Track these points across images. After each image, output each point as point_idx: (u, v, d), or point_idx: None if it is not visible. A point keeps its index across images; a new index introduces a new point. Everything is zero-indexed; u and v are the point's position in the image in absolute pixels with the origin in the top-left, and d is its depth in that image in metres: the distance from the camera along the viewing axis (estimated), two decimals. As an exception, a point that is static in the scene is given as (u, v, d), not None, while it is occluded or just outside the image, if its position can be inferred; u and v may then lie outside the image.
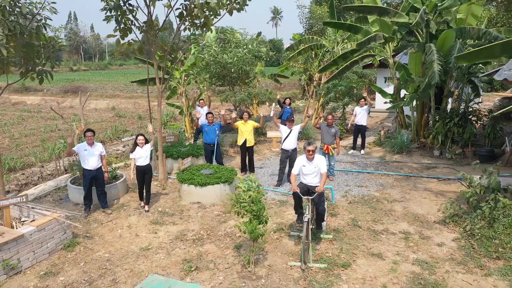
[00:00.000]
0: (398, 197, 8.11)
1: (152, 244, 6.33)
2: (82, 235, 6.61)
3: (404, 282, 5.15)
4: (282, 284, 5.15)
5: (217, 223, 7.02)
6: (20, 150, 14.80)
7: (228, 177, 7.90)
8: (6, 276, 5.38)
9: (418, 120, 11.91)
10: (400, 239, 6.33)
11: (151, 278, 5.39)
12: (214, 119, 9.74)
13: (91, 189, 7.33)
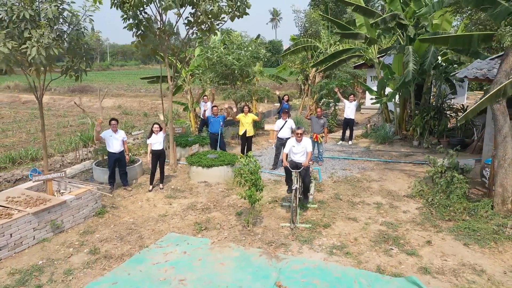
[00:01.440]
0: (376, 177, 9.44)
1: (168, 212, 7.65)
2: (109, 205, 7.93)
3: (372, 236, 6.48)
4: (275, 238, 6.47)
5: (221, 197, 8.35)
6: (38, 143, 16.08)
7: (231, 160, 9.24)
8: (53, 233, 6.69)
9: (400, 115, 13.26)
10: (373, 208, 7.66)
11: (169, 235, 6.72)
12: (219, 112, 11.07)
13: (114, 170, 8.66)
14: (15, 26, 6.72)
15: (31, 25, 6.72)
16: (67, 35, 7.31)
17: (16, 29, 6.75)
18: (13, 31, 6.76)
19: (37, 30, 6.62)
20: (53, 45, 6.71)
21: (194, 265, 5.73)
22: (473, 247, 6.09)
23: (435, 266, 5.58)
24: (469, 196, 7.72)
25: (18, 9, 6.51)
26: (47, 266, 5.71)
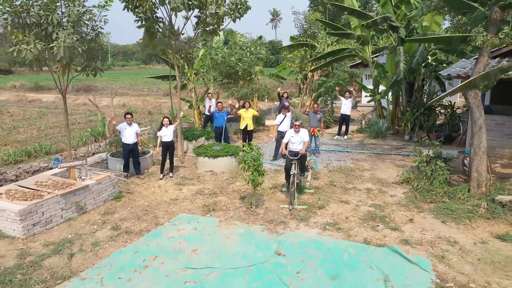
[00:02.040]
0: (368, 167, 10.27)
1: (179, 196, 8.48)
2: (125, 191, 8.76)
3: (361, 216, 7.30)
4: (275, 217, 7.30)
5: (226, 184, 9.17)
6: (49, 139, 16.90)
7: (234, 151, 10.07)
8: (77, 214, 7.52)
9: (393, 111, 14.08)
10: (364, 192, 8.49)
11: (181, 215, 7.55)
12: (223, 108, 11.91)
13: (129, 159, 9.49)
14: (43, 29, 7.53)
15: (57, 28, 7.54)
16: (85, 35, 8.11)
17: (43, 32, 7.56)
18: (40, 33, 7.58)
19: (63, 32, 7.44)
20: (76, 44, 7.53)
21: (204, 239, 6.55)
22: (449, 224, 6.91)
23: (415, 239, 6.41)
24: (450, 182, 8.54)
25: (46, 14, 7.32)
26: (76, 239, 6.54)
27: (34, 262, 5.81)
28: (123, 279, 5.38)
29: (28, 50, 7.07)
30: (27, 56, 7.08)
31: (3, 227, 6.73)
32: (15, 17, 7.29)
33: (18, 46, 7.11)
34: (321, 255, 5.96)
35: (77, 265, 5.76)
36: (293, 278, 5.35)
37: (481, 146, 7.60)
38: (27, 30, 7.37)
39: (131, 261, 5.85)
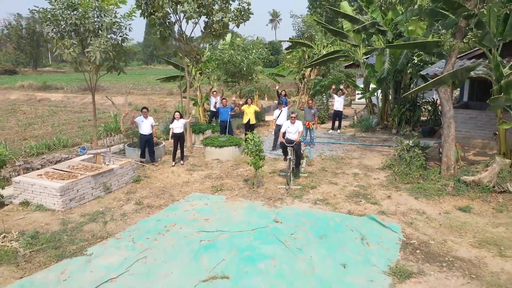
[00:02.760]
0: (356, 156, 11.55)
1: (190, 179, 9.75)
2: (143, 176, 10.02)
3: (347, 194, 8.57)
4: (274, 195, 8.56)
5: (231, 170, 10.44)
6: (64, 134, 18.16)
7: (238, 142, 11.35)
8: (104, 193, 8.78)
9: (382, 108, 15.36)
10: (351, 176, 9.76)
11: (193, 194, 8.81)
12: (227, 103, 13.18)
13: (145, 148, 10.75)
14: (80, 36, 8.81)
15: (92, 34, 8.82)
16: (114, 41, 9.40)
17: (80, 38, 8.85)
18: (77, 39, 8.86)
19: (97, 39, 8.72)
20: (108, 49, 8.81)
21: (214, 211, 7.82)
22: (421, 199, 8.18)
23: (390, 211, 7.68)
24: (426, 167, 9.79)
25: (82, 23, 8.60)
26: (106, 212, 7.81)
27: (75, 227, 7.08)
28: (150, 239, 6.65)
29: (68, 53, 8.35)
30: (67, 58, 8.36)
31: (44, 202, 8.00)
32: (55, 26, 8.58)
33: (60, 50, 8.39)
34: (311, 222, 7.23)
35: (111, 229, 7.03)
36: (288, 238, 6.62)
37: (450, 135, 8.87)
38: (67, 36, 8.65)
39: (155, 227, 7.13)
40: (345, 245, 6.36)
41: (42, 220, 7.39)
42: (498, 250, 6.07)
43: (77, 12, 8.74)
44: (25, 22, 77.64)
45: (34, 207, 7.95)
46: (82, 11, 8.74)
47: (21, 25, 76.89)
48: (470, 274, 5.43)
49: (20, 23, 76.90)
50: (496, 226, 6.91)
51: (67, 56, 8.45)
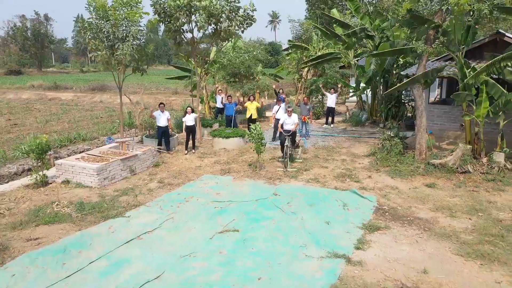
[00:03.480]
0: (346, 146, 13.20)
1: (201, 164, 11.39)
2: (161, 161, 11.65)
3: (335, 174, 10.20)
4: (273, 176, 10.20)
5: (236, 157, 12.08)
6: (81, 130, 19.79)
7: (242, 133, 12.99)
8: (130, 174, 10.41)
9: (372, 104, 17.00)
10: (340, 161, 11.40)
11: (205, 175, 10.45)
12: (232, 100, 14.86)
13: (161, 139, 12.39)
14: (110, 42, 10.46)
15: (120, 40, 10.47)
16: (138, 46, 11.05)
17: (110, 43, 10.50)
18: (108, 44, 10.51)
19: (125, 44, 10.36)
20: (134, 53, 10.46)
21: (224, 188, 9.45)
22: (396, 178, 9.82)
23: (369, 186, 9.31)
24: (404, 153, 11.43)
25: (113, 31, 10.25)
26: (135, 188, 9.44)
27: (112, 199, 8.72)
28: (174, 206, 8.28)
29: (101, 55, 10.00)
30: (100, 59, 10.01)
31: (82, 180, 9.63)
32: (92, 33, 10.23)
33: (94, 53, 10.05)
34: (304, 195, 8.87)
35: (141, 200, 8.67)
36: (284, 205, 8.26)
37: (422, 125, 10.52)
38: (99, 42, 10.31)
39: (177, 198, 8.77)
40: (330, 210, 8.01)
41: (83, 194, 9.03)
42: (450, 213, 7.71)
43: (109, 22, 10.38)
44: (30, 24, 79.43)
45: (74, 185, 9.59)
46: (113, 20, 10.37)
47: (26, 27, 78.61)
48: (424, 228, 7.07)
49: (25, 25, 78.62)
50: (453, 197, 8.56)
51: (101, 58, 10.08)
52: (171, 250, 6.40)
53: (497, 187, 9.01)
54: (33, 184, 9.53)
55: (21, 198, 8.82)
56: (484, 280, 5.40)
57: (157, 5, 12.33)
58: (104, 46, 10.23)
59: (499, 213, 7.65)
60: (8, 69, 71.07)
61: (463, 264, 5.83)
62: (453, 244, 6.43)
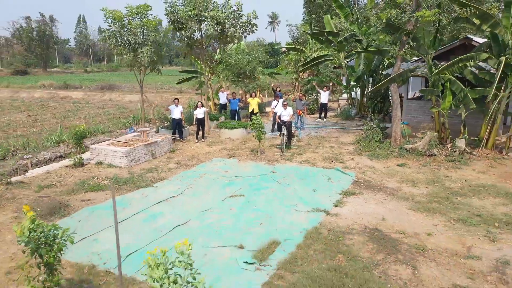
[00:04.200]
0: (335, 136, 15.17)
1: (210, 151, 13.36)
2: (176, 148, 13.62)
3: (323, 157, 12.17)
4: (272, 159, 12.16)
5: (240, 144, 14.05)
6: (98, 124, 21.73)
7: (245, 125, 14.96)
8: (151, 158, 12.38)
9: (360, 101, 18.97)
10: (328, 148, 13.37)
11: (215, 158, 12.42)
12: (236, 96, 16.82)
13: (175, 129, 14.36)
14: (132, 46, 12.44)
15: (141, 45, 12.46)
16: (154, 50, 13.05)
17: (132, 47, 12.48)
18: (130, 48, 12.50)
19: (145, 48, 12.34)
20: (152, 55, 12.44)
21: (231, 167, 11.42)
22: (374, 160, 11.78)
23: (351, 166, 11.27)
24: (383, 141, 13.39)
25: (134, 38, 12.23)
26: (157, 167, 11.40)
27: (139, 175, 10.68)
28: (191, 180, 10.25)
29: (126, 58, 11.99)
30: (124, 61, 12.00)
31: (113, 161, 11.59)
32: (116, 39, 12.22)
33: (120, 57, 12.03)
34: (296, 172, 10.83)
35: (164, 176, 10.63)
36: (280, 179, 10.21)
37: (397, 117, 12.48)
38: (124, 46, 12.29)
39: (192, 175, 10.73)
40: (317, 182, 9.97)
41: (114, 172, 10.98)
42: (412, 184, 9.68)
43: (127, 30, 12.39)
44: (35, 25, 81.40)
45: (106, 165, 11.55)
46: (132, 28, 12.37)
47: (32, 28, 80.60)
48: (389, 193, 9.04)
49: (31, 26, 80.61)
50: (417, 173, 10.52)
51: (126, 60, 12.05)
52: (193, 207, 8.37)
53: (455, 166, 10.98)
54: (72, 164, 11.50)
55: (65, 174, 10.80)
56: (425, 224, 7.37)
57: (171, 14, 14.30)
58: (127, 50, 12.22)
59: (451, 184, 9.62)
60: (15, 69, 72.99)
61: (413, 215, 7.80)
62: (408, 203, 8.40)
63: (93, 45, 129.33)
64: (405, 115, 15.25)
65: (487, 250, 6.35)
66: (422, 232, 7.01)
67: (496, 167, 10.86)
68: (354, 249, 6.41)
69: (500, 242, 6.61)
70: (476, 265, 5.92)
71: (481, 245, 6.54)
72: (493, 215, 7.68)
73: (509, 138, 11.90)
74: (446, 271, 5.78)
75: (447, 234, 6.94)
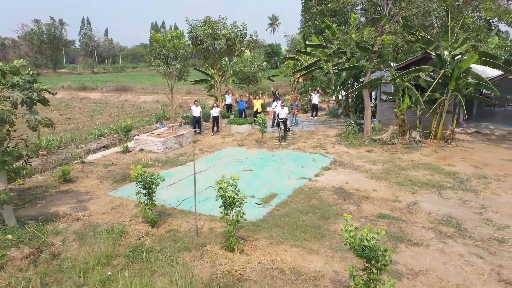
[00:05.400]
0: (322, 130, 18.96)
1: (224, 141, 17.14)
2: (197, 140, 17.39)
3: (311, 146, 15.95)
4: (272, 147, 15.94)
5: (247, 137, 17.83)
6: (123, 122, 25.41)
7: (251, 122, 18.75)
8: (180, 146, 16.15)
9: (345, 102, 22.74)
10: (316, 139, 17.15)
11: (228, 147, 16.20)
12: (243, 98, 20.60)
13: (195, 125, 18.14)
14: (166, 59, 16.22)
15: (173, 59, 16.25)
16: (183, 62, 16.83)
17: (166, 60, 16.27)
18: (162, 62, 16.28)
19: (176, 61, 16.12)
20: (181, 68, 16.23)
21: (241, 153, 15.19)
22: (349, 148, 15.55)
23: (331, 152, 15.04)
24: (358, 134, 17.14)
25: (168, 54, 16.02)
26: (186, 153, 15.16)
27: (174, 158, 14.43)
28: (213, 161, 14.02)
29: (162, 69, 15.79)
30: (161, 71, 15.78)
31: (152, 149, 15.35)
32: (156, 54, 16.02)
33: (158, 67, 15.83)
34: (290, 156, 14.61)
35: (192, 158, 14.40)
36: (278, 160, 13.98)
37: (368, 115, 16.26)
38: (160, 60, 16.08)
39: (213, 158, 14.51)
40: (305, 162, 13.75)
41: (154, 157, 14.74)
42: (373, 163, 13.44)
43: (164, 48, 16.19)
44: (45, 28, 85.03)
45: (147, 152, 15.31)
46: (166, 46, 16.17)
47: (42, 31, 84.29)
48: (355, 169, 12.80)
49: (41, 29, 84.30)
50: (379, 156, 14.28)
51: (161, 70, 15.85)
52: (217, 178, 12.12)
53: (408, 152, 14.74)
54: (121, 151, 15.27)
55: (119, 157, 14.58)
56: (373, 185, 11.12)
57: (192, 33, 18.08)
58: (163, 63, 16.01)
59: (401, 163, 13.38)
60: (27, 71, 76.48)
61: (367, 181, 11.57)
62: (366, 174, 12.18)
63: (97, 46, 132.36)
64: (378, 114, 19.07)
65: (407, 198, 10.13)
66: (369, 189, 10.78)
67: (438, 152, 14.64)
68: (323, 197, 10.20)
69: (417, 194, 10.39)
70: (397, 205, 9.69)
71: (405, 195, 10.32)
72: (420, 180, 11.46)
73: (452, 131, 15.68)
74: (378, 207, 9.55)
75: (386, 190, 10.72)
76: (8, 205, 8.19)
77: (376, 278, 5.22)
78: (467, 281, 6.42)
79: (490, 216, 8.92)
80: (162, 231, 8.37)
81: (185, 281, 6.48)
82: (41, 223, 8.65)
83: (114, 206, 9.79)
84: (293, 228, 8.34)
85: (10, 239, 7.94)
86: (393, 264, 6.67)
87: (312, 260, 7.08)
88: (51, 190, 10.95)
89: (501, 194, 10.32)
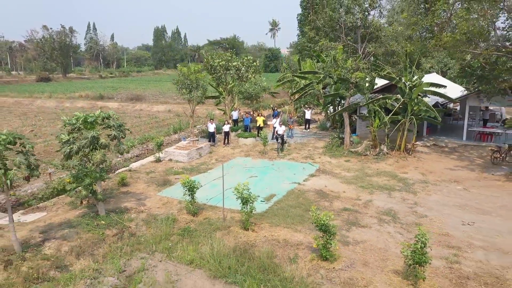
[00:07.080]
0: (313, 142, 23.41)
1: (233, 152, 21.59)
2: (212, 151, 21.83)
3: (303, 156, 20.39)
4: (272, 157, 20.39)
5: (252, 148, 22.28)
6: (144, 132, 29.81)
7: (254, 135, 23.23)
8: (199, 157, 20.58)
9: (333, 116, 27.21)
10: (307, 150, 21.58)
11: (237, 157, 20.66)
12: (248, 115, 25.07)
13: (210, 139, 22.59)
14: (189, 88, 20.66)
15: (195, 88, 20.70)
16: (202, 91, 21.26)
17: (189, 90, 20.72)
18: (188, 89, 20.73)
19: (197, 90, 20.56)
20: (201, 95, 20.66)
21: (247, 162, 19.64)
22: (332, 158, 19.99)
23: (317, 161, 19.48)
24: (340, 146, 21.55)
25: (191, 84, 20.44)
26: (205, 162, 19.61)
27: (197, 166, 18.86)
28: (227, 169, 18.44)
29: (185, 95, 20.28)
30: (185, 97, 20.25)
31: (179, 159, 19.78)
32: (182, 85, 20.51)
33: (183, 95, 20.30)
34: (286, 165, 19.06)
35: (211, 167, 18.84)
36: (276, 168, 18.44)
37: (347, 131, 20.71)
38: (185, 89, 20.55)
39: (226, 166, 18.92)
40: (296, 170, 18.19)
41: (182, 166, 19.15)
42: (348, 171, 17.88)
43: (187, 80, 20.64)
44: (56, 35, 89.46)
45: (174, 161, 19.73)
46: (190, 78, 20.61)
47: (53, 38, 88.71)
48: (333, 176, 17.24)
49: (52, 36, 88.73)
50: (353, 165, 18.71)
51: (186, 97, 20.37)
52: (232, 182, 16.59)
53: (376, 162, 19.18)
54: (154, 161, 19.71)
55: (154, 166, 19.02)
56: (344, 188, 15.54)
57: (208, 64, 22.53)
58: (187, 91, 20.46)
59: (369, 171, 17.81)
60: (39, 76, 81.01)
61: (341, 185, 15.99)
62: (341, 180, 16.61)
63: (102, 50, 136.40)
64: (358, 129, 23.55)
65: (365, 197, 14.56)
66: (341, 191, 15.21)
67: (399, 162, 19.08)
68: (307, 196, 14.63)
69: (374, 194, 14.82)
70: (357, 202, 14.12)
71: (365, 195, 14.75)
72: (379, 184, 15.89)
73: (412, 144, 20.13)
74: (344, 204, 13.97)
75: (352, 192, 15.15)
76: (101, 202, 12.64)
77: (328, 241, 9.66)
78: (387, 246, 10.86)
79: (417, 210, 13.37)
80: (201, 218, 12.82)
81: (218, 247, 10.91)
82: (119, 214, 13.09)
83: (164, 202, 14.24)
84: (285, 217, 12.78)
85: (103, 224, 12.39)
86: (345, 237, 11.14)
87: (297, 235, 11.52)
88: (115, 191, 15.39)
89: (432, 195, 14.77)
